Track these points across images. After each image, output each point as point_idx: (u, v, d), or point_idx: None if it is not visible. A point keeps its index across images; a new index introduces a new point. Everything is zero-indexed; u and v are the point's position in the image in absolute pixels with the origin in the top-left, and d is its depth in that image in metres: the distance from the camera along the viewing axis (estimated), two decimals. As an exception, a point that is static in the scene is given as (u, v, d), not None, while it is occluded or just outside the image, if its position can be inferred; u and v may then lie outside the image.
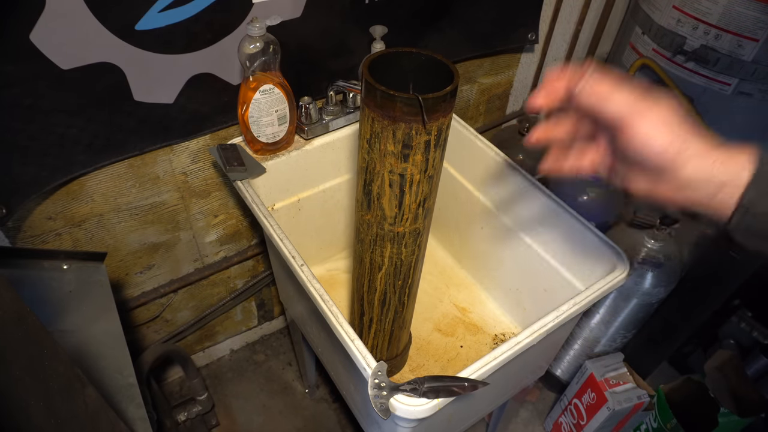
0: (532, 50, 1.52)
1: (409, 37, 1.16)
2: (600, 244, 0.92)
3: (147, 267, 1.18)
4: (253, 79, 0.92)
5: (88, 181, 0.97)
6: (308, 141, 1.06)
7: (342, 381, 1.06)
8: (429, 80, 0.65)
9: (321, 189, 1.15)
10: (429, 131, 0.62)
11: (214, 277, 1.32)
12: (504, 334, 1.17)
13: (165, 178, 1.06)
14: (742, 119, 1.25)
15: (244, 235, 1.30)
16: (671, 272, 1.20)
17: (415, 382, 0.68)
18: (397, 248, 0.76)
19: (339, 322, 0.74)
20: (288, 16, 0.96)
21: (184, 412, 1.33)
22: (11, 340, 0.44)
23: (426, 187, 0.70)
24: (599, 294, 0.84)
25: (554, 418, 1.48)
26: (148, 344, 1.34)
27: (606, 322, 1.31)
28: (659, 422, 1.26)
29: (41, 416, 0.46)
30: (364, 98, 0.64)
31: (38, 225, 0.97)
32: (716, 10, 1.13)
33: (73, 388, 0.54)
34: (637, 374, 1.27)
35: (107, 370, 0.76)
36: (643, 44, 1.34)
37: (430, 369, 1.10)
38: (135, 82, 0.88)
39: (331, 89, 1.05)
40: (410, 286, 0.85)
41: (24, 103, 0.80)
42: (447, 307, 1.22)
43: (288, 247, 0.84)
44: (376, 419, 0.89)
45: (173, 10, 0.84)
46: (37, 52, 0.76)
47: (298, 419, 1.50)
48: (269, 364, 1.61)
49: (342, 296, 1.23)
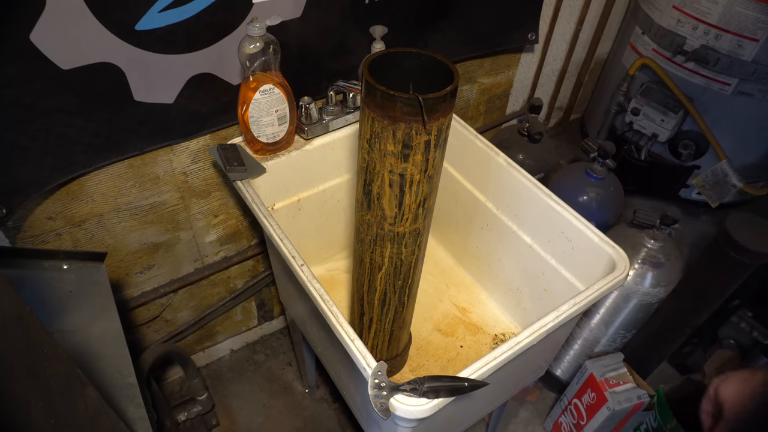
0: (532, 50, 1.52)
1: (409, 37, 1.16)
2: (600, 244, 0.92)
3: (147, 267, 1.18)
4: (253, 79, 0.92)
5: (88, 181, 0.97)
6: (308, 141, 1.06)
7: (342, 381, 1.06)
8: (429, 80, 0.65)
9: (321, 189, 1.15)
10: (429, 131, 0.63)
11: (214, 277, 1.32)
12: (504, 334, 1.17)
13: (165, 178, 1.06)
14: (742, 119, 1.25)
15: (244, 235, 1.30)
16: (671, 272, 1.20)
17: (415, 382, 0.68)
18: (397, 248, 0.76)
19: (339, 322, 0.74)
20: (288, 16, 0.96)
21: (184, 412, 1.33)
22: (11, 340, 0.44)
23: (426, 187, 0.70)
24: (599, 294, 0.84)
25: (554, 418, 1.48)
26: (148, 344, 1.34)
27: (606, 322, 1.31)
28: (659, 422, 1.26)
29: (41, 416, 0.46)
30: (364, 98, 0.64)
31: (38, 225, 0.97)
32: (716, 10, 1.13)
33: (73, 388, 0.54)
34: (637, 374, 1.27)
35: (107, 370, 0.76)
36: (643, 44, 1.34)
37: (430, 369, 1.10)
38: (135, 82, 0.88)
39: (331, 89, 1.05)
40: (410, 286, 0.85)
41: (24, 103, 0.80)
42: (447, 307, 1.22)
43: (288, 247, 0.84)
44: (376, 419, 0.89)
45: (173, 10, 0.84)
46: (38, 52, 0.76)
47: (298, 419, 1.50)
48: (269, 364, 1.61)
49: (342, 296, 1.23)
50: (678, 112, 1.26)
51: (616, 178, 1.33)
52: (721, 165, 1.29)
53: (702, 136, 1.27)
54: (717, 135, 1.26)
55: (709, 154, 1.31)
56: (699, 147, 1.29)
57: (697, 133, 1.28)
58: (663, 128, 1.28)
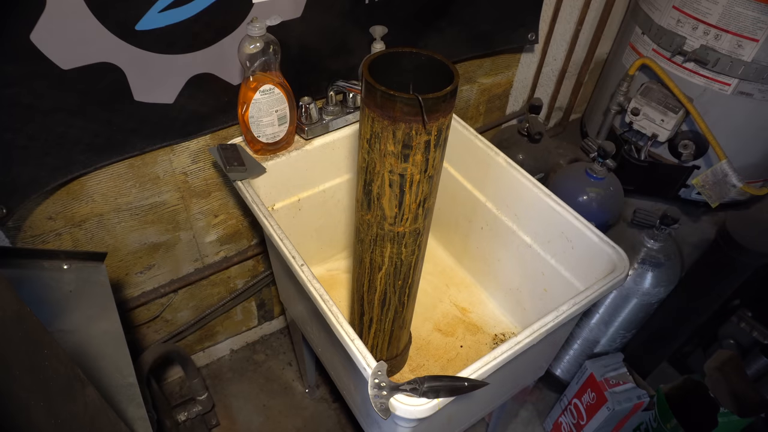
0: (532, 50, 1.52)
1: (409, 37, 1.16)
2: (600, 244, 0.92)
3: (147, 267, 1.18)
4: (253, 79, 0.92)
5: (88, 181, 0.97)
6: (308, 141, 1.06)
7: (342, 381, 1.06)
8: (429, 80, 0.65)
9: (321, 189, 1.15)
10: (429, 131, 0.63)
11: (214, 277, 1.33)
12: (504, 334, 1.17)
13: (165, 178, 1.06)
14: (742, 119, 1.25)
15: (244, 235, 1.30)
16: (671, 272, 1.20)
17: (415, 382, 0.68)
18: (397, 248, 0.76)
19: (339, 322, 0.74)
20: (288, 16, 0.96)
21: (184, 412, 1.33)
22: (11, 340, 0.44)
23: (426, 187, 0.70)
24: (599, 294, 0.84)
25: (554, 418, 1.48)
26: (148, 344, 1.34)
27: (606, 322, 1.31)
28: (659, 422, 1.26)
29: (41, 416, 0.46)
30: (364, 98, 0.64)
31: (38, 225, 0.97)
32: (716, 11, 1.13)
33: (73, 388, 0.54)
34: (637, 374, 1.27)
35: (107, 370, 0.76)
36: (643, 44, 1.34)
37: (430, 369, 1.10)
38: (135, 82, 0.88)
39: (331, 89, 1.05)
40: (410, 286, 0.85)
41: (24, 103, 0.80)
42: (447, 307, 1.22)
43: (288, 247, 0.84)
44: (376, 419, 0.89)
45: (173, 10, 0.84)
46: (38, 52, 0.76)
47: (298, 419, 1.50)
48: (269, 364, 1.61)
49: (342, 296, 1.23)
50: (678, 112, 1.26)
51: (616, 178, 1.33)
52: (721, 165, 1.29)
53: (702, 136, 1.27)
54: (717, 135, 1.26)
55: (709, 154, 1.31)
56: (699, 147, 1.29)
57: (697, 133, 1.28)
58: (663, 128, 1.28)
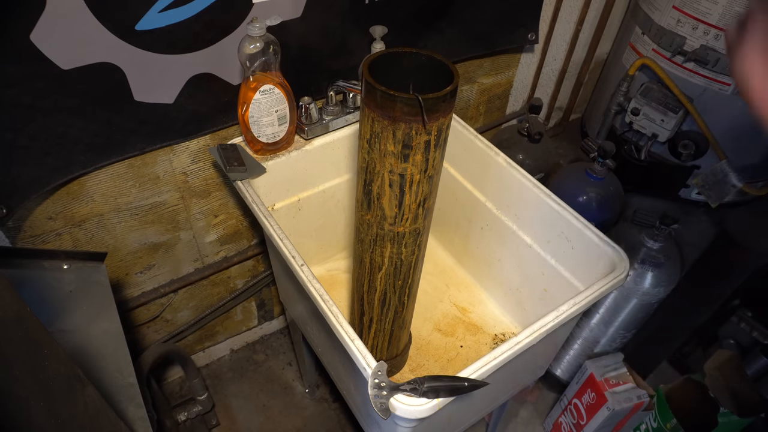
0: (532, 50, 1.52)
1: (409, 37, 1.16)
2: (600, 244, 0.92)
3: (147, 267, 1.18)
4: (253, 79, 0.92)
5: (88, 181, 0.97)
6: (308, 141, 1.06)
7: (342, 381, 1.06)
8: (429, 80, 0.65)
9: (321, 189, 1.15)
10: (429, 131, 0.63)
11: (214, 277, 1.32)
12: (504, 334, 1.17)
13: (165, 178, 1.06)
14: (742, 119, 1.25)
15: (244, 235, 1.30)
16: (671, 272, 1.20)
17: (415, 382, 0.68)
18: (397, 248, 0.76)
19: (339, 322, 0.74)
20: (288, 16, 0.96)
21: (184, 412, 1.33)
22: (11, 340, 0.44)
23: (426, 187, 0.70)
24: (599, 294, 0.84)
25: (554, 418, 1.48)
26: (148, 344, 1.34)
27: (606, 322, 1.31)
28: (659, 422, 1.26)
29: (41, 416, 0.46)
30: (364, 98, 0.64)
31: (38, 225, 0.97)
32: (716, 10, 1.13)
33: (73, 388, 0.54)
34: (637, 374, 1.27)
35: (107, 370, 0.76)
36: (643, 44, 1.33)
37: (430, 369, 1.10)
38: (135, 82, 0.88)
39: (331, 89, 1.05)
40: (410, 286, 0.85)
41: (24, 103, 0.80)
42: (447, 307, 1.22)
43: (288, 247, 0.84)
44: (376, 419, 0.89)
45: (173, 10, 0.84)
46: (38, 52, 0.76)
47: (298, 419, 1.50)
48: (269, 364, 1.61)
49: (342, 296, 1.23)
50: (678, 112, 1.25)
51: (616, 178, 1.33)
52: (721, 165, 1.29)
53: (702, 136, 1.27)
54: (717, 135, 1.26)
55: (709, 154, 1.31)
56: (699, 147, 1.29)
57: (697, 133, 1.28)
58: (663, 128, 1.28)
